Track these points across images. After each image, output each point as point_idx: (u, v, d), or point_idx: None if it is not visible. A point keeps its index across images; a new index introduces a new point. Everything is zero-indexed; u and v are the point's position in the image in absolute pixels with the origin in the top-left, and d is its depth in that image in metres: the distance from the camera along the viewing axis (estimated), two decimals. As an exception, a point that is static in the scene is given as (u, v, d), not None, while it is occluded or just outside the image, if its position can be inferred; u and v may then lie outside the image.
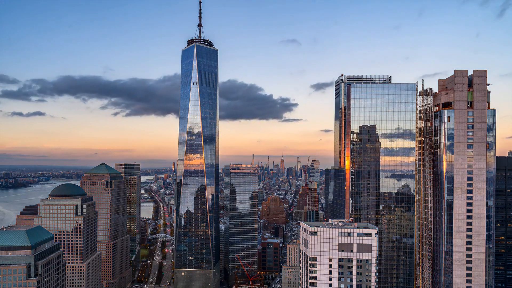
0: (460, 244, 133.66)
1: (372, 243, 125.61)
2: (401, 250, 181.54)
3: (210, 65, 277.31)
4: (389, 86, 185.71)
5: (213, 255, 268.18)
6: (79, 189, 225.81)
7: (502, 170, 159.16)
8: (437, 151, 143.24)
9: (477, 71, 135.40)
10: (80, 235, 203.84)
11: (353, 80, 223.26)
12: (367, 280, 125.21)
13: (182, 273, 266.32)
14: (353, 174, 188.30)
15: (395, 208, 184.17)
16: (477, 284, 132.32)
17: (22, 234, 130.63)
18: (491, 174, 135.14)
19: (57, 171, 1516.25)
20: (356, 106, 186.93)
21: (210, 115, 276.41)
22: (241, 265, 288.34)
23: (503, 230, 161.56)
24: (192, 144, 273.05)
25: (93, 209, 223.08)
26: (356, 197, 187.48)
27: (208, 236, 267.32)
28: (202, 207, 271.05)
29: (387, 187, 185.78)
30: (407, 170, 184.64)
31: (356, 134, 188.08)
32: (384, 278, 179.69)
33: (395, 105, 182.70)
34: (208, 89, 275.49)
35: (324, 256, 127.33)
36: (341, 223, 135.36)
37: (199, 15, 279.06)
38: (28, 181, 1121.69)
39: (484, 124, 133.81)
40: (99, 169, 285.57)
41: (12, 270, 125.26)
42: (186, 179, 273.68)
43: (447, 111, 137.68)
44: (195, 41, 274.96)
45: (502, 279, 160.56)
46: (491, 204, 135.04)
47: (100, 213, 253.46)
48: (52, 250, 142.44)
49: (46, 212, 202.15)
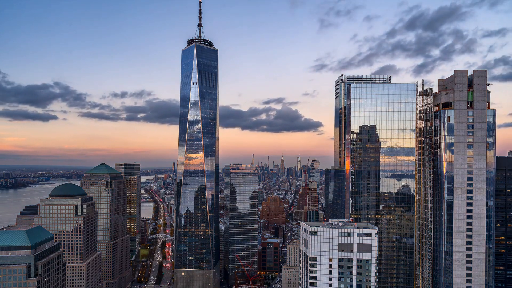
0: (460, 244, 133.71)
1: (372, 243, 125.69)
2: (401, 250, 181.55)
3: (210, 65, 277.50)
4: (389, 86, 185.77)
5: (213, 255, 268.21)
6: (79, 189, 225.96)
7: (502, 170, 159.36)
8: (437, 151, 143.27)
9: (477, 71, 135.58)
10: (80, 235, 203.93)
11: (353, 80, 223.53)
12: (367, 280, 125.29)
13: (182, 273, 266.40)
14: (353, 174, 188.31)
15: (395, 208, 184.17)
16: (477, 284, 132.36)
17: (22, 234, 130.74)
18: (491, 174, 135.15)
19: (57, 171, 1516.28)
20: (356, 106, 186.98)
21: (210, 115, 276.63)
22: (241, 265, 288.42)
23: (503, 230, 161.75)
24: (192, 144, 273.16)
25: (93, 209, 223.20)
26: (356, 197, 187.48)
27: (208, 236, 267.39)
28: (202, 207, 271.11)
29: (387, 187, 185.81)
30: (407, 170, 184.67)
31: (356, 134, 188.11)
32: (384, 278, 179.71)
33: (395, 105, 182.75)
34: (208, 89, 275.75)
35: (324, 256, 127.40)
36: (341, 223, 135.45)
37: (199, 15, 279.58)
38: (28, 181, 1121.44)
39: (484, 124, 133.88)
40: (99, 169, 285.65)
41: (12, 270, 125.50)
42: (186, 179, 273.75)
43: (447, 111, 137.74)
44: (195, 41, 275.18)
45: (502, 279, 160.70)
46: (491, 204, 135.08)
47: (100, 213, 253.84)
48: (52, 250, 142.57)
49: (46, 212, 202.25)
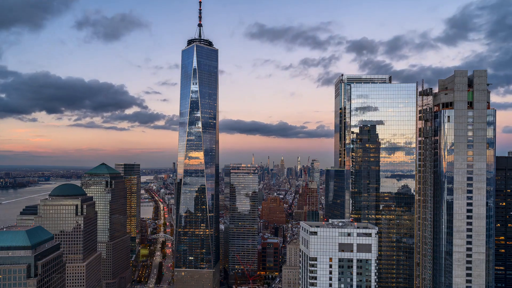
0: (460, 244, 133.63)
1: (372, 243, 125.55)
2: (401, 250, 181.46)
3: (210, 65, 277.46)
4: (389, 86, 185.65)
5: (213, 255, 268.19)
6: (79, 189, 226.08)
7: (502, 170, 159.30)
8: (437, 151, 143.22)
9: (477, 71, 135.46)
10: (80, 235, 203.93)
11: (353, 80, 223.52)
12: (367, 280, 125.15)
13: (182, 273, 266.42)
14: (353, 174, 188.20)
15: (395, 208, 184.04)
16: (477, 284, 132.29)
17: (22, 234, 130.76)
18: (491, 174, 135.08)
19: (57, 171, 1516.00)
20: (356, 106, 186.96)
21: (210, 115, 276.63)
22: (241, 265, 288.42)
23: (503, 230, 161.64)
24: (192, 144, 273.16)
25: (93, 209, 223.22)
26: (356, 197, 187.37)
27: (208, 236, 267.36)
28: (202, 207, 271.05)
29: (387, 187, 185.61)
30: (407, 170, 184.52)
31: (356, 134, 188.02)
32: (384, 278, 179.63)
33: (395, 105, 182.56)
34: (208, 89, 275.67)
35: (324, 256, 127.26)
36: (341, 223, 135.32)
37: (199, 15, 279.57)
38: (28, 181, 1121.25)
39: (484, 124, 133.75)
40: (99, 169, 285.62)
41: (12, 270, 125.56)
42: (186, 179, 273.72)
43: (447, 111, 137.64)
44: (195, 41, 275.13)
45: (502, 279, 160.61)
46: (491, 204, 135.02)
47: (100, 213, 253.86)
48: (52, 250, 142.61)
49: (46, 212, 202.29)
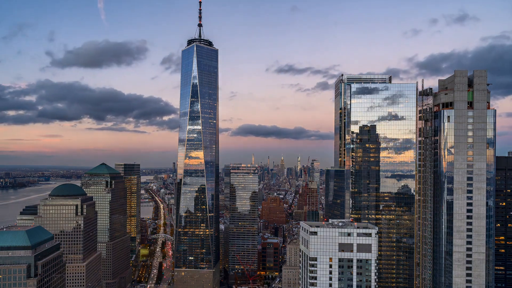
0: (460, 244, 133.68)
1: (372, 243, 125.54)
2: (401, 250, 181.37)
3: (210, 65, 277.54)
4: (389, 86, 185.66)
5: (213, 255, 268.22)
6: (79, 189, 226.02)
7: (502, 170, 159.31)
8: (437, 151, 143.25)
9: (477, 71, 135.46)
10: (80, 235, 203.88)
11: (353, 80, 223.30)
12: (367, 280, 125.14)
13: (182, 273, 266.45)
14: (353, 174, 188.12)
15: (395, 208, 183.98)
16: (477, 284, 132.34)
17: (22, 234, 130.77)
18: (491, 174, 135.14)
19: (57, 171, 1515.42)
20: (356, 106, 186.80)
21: (210, 115, 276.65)
22: (241, 265, 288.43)
23: (503, 230, 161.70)
24: (192, 144, 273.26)
25: (93, 209, 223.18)
26: (356, 197, 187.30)
27: (208, 236, 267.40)
28: (202, 207, 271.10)
29: (387, 187, 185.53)
30: (407, 170, 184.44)
31: (356, 134, 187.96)
32: (384, 278, 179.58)
33: (395, 105, 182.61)
34: (208, 89, 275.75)
35: (324, 256, 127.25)
36: (341, 223, 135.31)
37: (199, 15, 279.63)
38: (28, 181, 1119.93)
39: (484, 124, 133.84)
40: (99, 169, 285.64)
41: (12, 270, 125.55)
42: (186, 179, 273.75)
43: (447, 111, 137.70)
44: (195, 41, 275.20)
45: (502, 279, 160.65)
46: (491, 204, 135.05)
47: (100, 213, 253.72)
48: (52, 250, 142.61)
49: (46, 212, 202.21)
